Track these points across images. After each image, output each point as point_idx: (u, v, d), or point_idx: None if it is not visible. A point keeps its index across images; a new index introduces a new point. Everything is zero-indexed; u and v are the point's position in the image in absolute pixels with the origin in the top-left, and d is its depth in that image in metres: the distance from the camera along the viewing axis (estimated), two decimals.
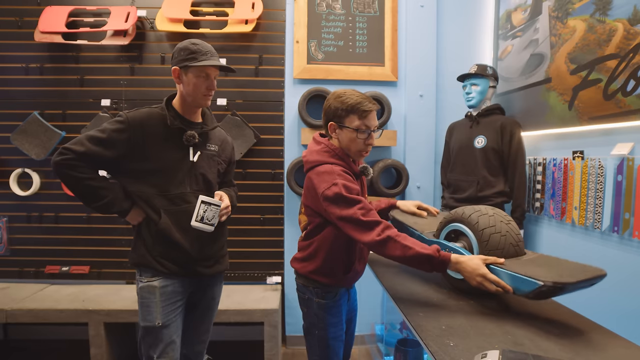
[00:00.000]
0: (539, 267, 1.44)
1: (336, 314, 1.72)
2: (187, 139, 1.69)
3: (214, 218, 1.68)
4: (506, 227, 1.57)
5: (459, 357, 1.12)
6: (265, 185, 3.18)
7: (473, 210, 1.65)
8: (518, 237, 1.58)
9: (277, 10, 3.18)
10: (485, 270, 1.41)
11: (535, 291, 1.30)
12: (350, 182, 1.57)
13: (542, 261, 1.51)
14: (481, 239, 1.56)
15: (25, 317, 2.64)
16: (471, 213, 1.63)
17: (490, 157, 2.54)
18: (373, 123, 1.65)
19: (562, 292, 1.29)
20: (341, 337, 1.76)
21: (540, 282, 1.28)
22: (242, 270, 3.17)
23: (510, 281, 1.37)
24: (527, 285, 1.33)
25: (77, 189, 1.62)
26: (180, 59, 1.65)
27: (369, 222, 1.49)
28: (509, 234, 1.55)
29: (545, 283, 1.27)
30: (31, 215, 3.10)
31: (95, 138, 1.60)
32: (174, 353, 1.71)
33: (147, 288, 1.68)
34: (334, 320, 1.71)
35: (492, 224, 1.56)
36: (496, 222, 1.57)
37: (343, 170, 1.60)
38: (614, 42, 1.90)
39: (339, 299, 1.73)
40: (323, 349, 1.72)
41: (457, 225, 1.67)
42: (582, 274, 1.33)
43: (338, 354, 1.75)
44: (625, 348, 1.20)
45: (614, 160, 1.89)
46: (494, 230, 1.55)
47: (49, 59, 3.08)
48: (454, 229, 1.70)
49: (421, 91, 3.20)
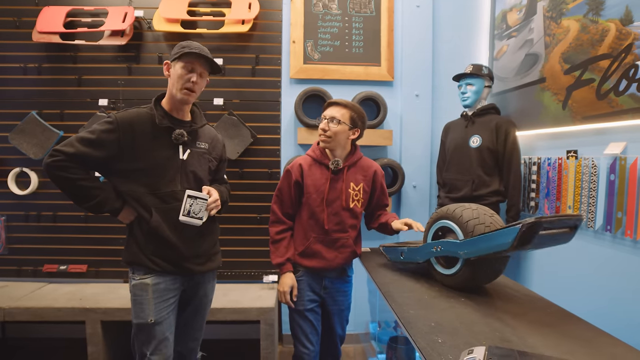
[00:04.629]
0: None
1: (299, 289, 2.05)
2: (176, 137, 1.71)
3: (200, 212, 1.69)
4: (490, 219, 1.61)
5: (446, 354, 1.13)
6: (261, 184, 3.19)
7: (457, 206, 1.70)
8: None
9: (273, 10, 3.19)
10: (282, 289, 1.99)
11: (517, 236, 1.34)
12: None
13: None
14: (466, 230, 1.60)
15: (23, 315, 2.65)
16: (455, 208, 1.69)
17: (485, 157, 2.55)
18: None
19: (540, 230, 1.33)
20: (303, 313, 2.05)
21: (519, 226, 1.33)
22: (239, 269, 3.18)
23: (497, 237, 1.43)
24: (509, 233, 1.37)
25: (68, 190, 1.64)
26: (172, 54, 1.72)
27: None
28: (492, 225, 1.58)
29: (523, 225, 1.32)
30: (29, 214, 3.12)
31: (85, 139, 1.62)
32: (167, 350, 1.72)
33: (140, 285, 1.69)
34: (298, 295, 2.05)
35: (476, 216, 1.61)
36: (480, 214, 1.62)
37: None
38: (606, 42, 1.91)
39: (301, 277, 2.06)
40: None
41: (444, 221, 1.72)
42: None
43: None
44: (612, 345, 1.21)
45: (606, 160, 1.90)
46: (478, 222, 1.59)
47: (47, 59, 3.09)
48: (441, 227, 1.75)
49: (417, 91, 3.21)
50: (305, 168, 2.02)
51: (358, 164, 2.08)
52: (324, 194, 2.00)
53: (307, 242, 2.02)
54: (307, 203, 2.02)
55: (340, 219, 2.02)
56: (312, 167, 2.03)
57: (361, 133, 2.05)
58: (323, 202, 1.99)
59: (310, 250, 2.02)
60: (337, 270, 2.09)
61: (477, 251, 1.51)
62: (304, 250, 2.03)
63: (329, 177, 2.01)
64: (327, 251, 2.02)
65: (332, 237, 2.02)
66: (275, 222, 2.07)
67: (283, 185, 2.06)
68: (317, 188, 2.00)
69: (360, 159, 2.10)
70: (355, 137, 2.05)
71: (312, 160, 2.05)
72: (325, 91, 3.11)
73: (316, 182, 2.01)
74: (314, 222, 2.02)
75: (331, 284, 2.10)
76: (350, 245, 2.06)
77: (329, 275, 2.09)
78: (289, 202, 2.05)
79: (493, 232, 1.43)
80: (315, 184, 2.01)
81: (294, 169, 2.03)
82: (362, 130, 2.06)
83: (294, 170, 2.03)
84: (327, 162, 2.02)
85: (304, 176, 2.01)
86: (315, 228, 2.02)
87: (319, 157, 2.04)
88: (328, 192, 2.00)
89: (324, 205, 1.99)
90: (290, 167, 2.04)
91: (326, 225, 2.00)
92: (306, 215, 2.03)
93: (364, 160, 2.12)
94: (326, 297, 2.11)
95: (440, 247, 1.69)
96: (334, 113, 1.98)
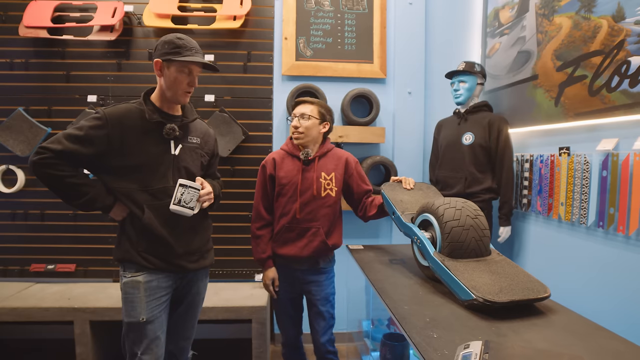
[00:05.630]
0: (488, 274, 1.47)
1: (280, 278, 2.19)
2: (167, 132, 1.67)
3: (191, 201, 1.65)
4: (472, 221, 1.60)
5: (442, 349, 1.12)
6: (253, 182, 3.12)
7: (443, 202, 1.69)
8: (483, 232, 1.61)
9: (265, 6, 3.17)
10: (265, 281, 2.16)
11: (468, 302, 1.38)
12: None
13: (497, 268, 1.54)
14: (444, 230, 1.60)
15: (9, 315, 2.59)
16: (439, 205, 1.68)
17: (478, 154, 2.55)
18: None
19: (493, 308, 1.34)
20: (282, 302, 2.23)
21: (473, 295, 1.34)
22: (230, 267, 3.16)
23: (452, 284, 1.47)
24: (463, 293, 1.40)
25: (58, 188, 1.60)
26: (164, 52, 1.63)
27: None
28: (472, 229, 1.58)
29: (477, 298, 1.33)
30: (16, 212, 3.06)
31: (73, 136, 1.57)
32: (158, 349, 1.69)
33: (131, 283, 1.66)
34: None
35: (457, 217, 1.60)
36: (462, 215, 1.61)
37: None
38: (598, 38, 1.92)
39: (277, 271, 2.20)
40: None
41: (427, 215, 1.72)
42: (521, 294, 1.37)
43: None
44: (607, 339, 1.21)
45: (599, 156, 1.91)
46: (457, 224, 1.58)
47: (34, 54, 3.04)
48: (425, 219, 1.75)
49: (410, 88, 3.21)
50: (278, 161, 2.16)
51: (329, 154, 2.19)
52: (297, 184, 2.10)
53: (280, 230, 2.13)
54: (281, 194, 2.13)
55: (312, 208, 2.10)
56: (284, 160, 2.16)
57: (331, 127, 2.20)
58: (296, 192, 2.09)
59: (283, 238, 2.13)
60: (308, 261, 2.15)
61: (440, 276, 1.56)
62: (277, 238, 2.14)
63: (301, 167, 2.12)
64: (298, 239, 2.11)
65: (303, 227, 2.10)
66: (256, 217, 2.19)
67: (260, 180, 2.20)
68: (290, 179, 2.11)
69: (331, 150, 2.21)
70: (326, 131, 2.18)
71: (284, 153, 2.19)
72: (317, 88, 3.10)
73: (289, 174, 2.12)
74: (287, 212, 2.11)
75: (303, 276, 2.18)
76: (320, 235, 2.11)
77: (300, 267, 2.16)
78: (267, 196, 2.18)
79: (457, 279, 1.43)
80: (287, 175, 2.12)
81: (268, 163, 2.17)
82: (332, 123, 2.21)
83: (268, 164, 2.17)
84: (298, 153, 2.14)
85: (276, 169, 2.14)
86: (288, 216, 2.11)
87: (291, 149, 2.17)
88: (301, 182, 2.10)
89: (297, 195, 2.09)
90: (265, 161, 2.19)
91: (298, 215, 2.09)
92: (280, 205, 2.13)
93: (336, 150, 2.24)
94: (301, 289, 2.22)
95: (419, 241, 1.70)
96: (303, 110, 2.12)
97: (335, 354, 2.24)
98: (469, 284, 1.39)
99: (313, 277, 2.18)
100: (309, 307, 2.23)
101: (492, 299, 1.32)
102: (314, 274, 2.18)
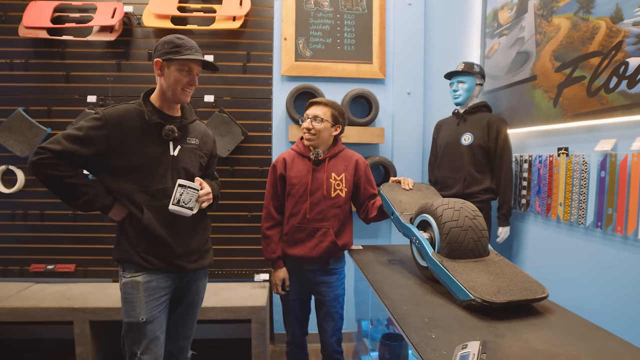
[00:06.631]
0: (486, 275, 1.48)
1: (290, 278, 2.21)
2: (166, 133, 1.68)
3: (191, 202, 1.65)
4: (470, 222, 1.60)
5: (440, 349, 1.12)
6: (252, 182, 3.17)
7: (441, 203, 1.69)
8: (482, 233, 1.61)
9: (265, 7, 3.17)
10: (274, 281, 2.17)
11: (466, 302, 1.38)
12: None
13: (495, 268, 1.54)
14: (442, 231, 1.60)
15: (9, 315, 2.59)
16: (438, 205, 1.68)
17: (477, 154, 2.55)
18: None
19: (491, 309, 1.35)
20: (290, 303, 2.24)
21: (472, 296, 1.35)
22: (230, 267, 3.16)
23: (450, 285, 1.47)
24: (461, 293, 1.40)
25: (57, 188, 1.60)
26: (164, 52, 1.64)
27: None
28: (470, 229, 1.58)
29: (475, 298, 1.34)
30: (15, 213, 3.06)
31: (72, 136, 1.57)
32: (158, 349, 1.69)
33: (131, 283, 1.66)
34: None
35: (455, 218, 1.60)
36: (460, 216, 1.61)
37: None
38: (597, 39, 1.92)
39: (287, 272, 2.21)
40: None
41: (426, 216, 1.72)
42: (519, 294, 1.38)
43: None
44: (605, 339, 1.21)
45: (597, 157, 1.91)
46: (455, 225, 1.58)
47: (34, 54, 3.04)
48: (424, 219, 1.75)
49: (409, 89, 3.22)
50: (289, 161, 2.17)
51: (339, 155, 2.20)
52: (307, 184, 2.11)
53: (290, 231, 2.14)
54: (291, 194, 2.14)
55: (322, 208, 2.11)
56: (295, 160, 2.17)
57: (342, 129, 2.20)
58: (306, 192, 2.10)
59: (293, 238, 2.14)
60: (318, 261, 2.15)
61: (439, 276, 1.56)
62: (287, 238, 2.15)
63: (311, 168, 2.13)
64: (308, 239, 2.12)
65: (314, 226, 2.11)
66: (266, 217, 2.20)
67: (270, 180, 2.20)
68: (300, 179, 2.13)
69: (342, 151, 2.22)
70: (337, 133, 2.19)
71: (295, 154, 2.20)
72: (317, 89, 3.10)
73: (299, 174, 2.13)
74: (297, 212, 2.13)
75: (313, 276, 2.18)
76: (330, 235, 2.11)
77: (311, 268, 2.17)
78: (277, 196, 2.19)
79: (455, 280, 1.44)
80: (298, 175, 2.13)
81: (278, 163, 2.18)
82: (344, 126, 2.21)
83: (278, 164, 2.18)
84: (309, 154, 2.15)
85: (287, 169, 2.16)
86: (298, 217, 2.12)
87: (301, 150, 2.18)
88: (311, 183, 2.11)
89: (307, 195, 2.10)
90: (275, 162, 2.20)
91: (308, 215, 2.11)
92: (290, 205, 2.14)
93: (346, 151, 2.24)
94: (311, 289, 2.24)
95: (418, 242, 1.70)
96: (317, 112, 2.11)
97: (341, 354, 2.27)
98: (467, 284, 1.40)
99: (323, 277, 2.18)
100: (319, 308, 2.23)
101: (490, 299, 1.32)
102: (324, 275, 2.18)
